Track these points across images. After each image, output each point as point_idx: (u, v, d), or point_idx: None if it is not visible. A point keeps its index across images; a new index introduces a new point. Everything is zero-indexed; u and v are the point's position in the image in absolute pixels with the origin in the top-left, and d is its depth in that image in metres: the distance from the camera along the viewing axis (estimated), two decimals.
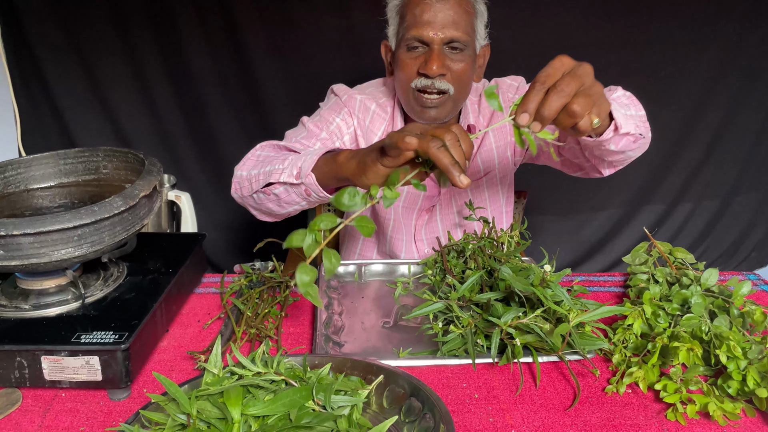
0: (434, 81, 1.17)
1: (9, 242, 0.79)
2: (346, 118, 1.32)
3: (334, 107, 1.33)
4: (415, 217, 1.38)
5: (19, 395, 0.85)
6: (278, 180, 1.02)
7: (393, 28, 1.24)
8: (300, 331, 1.01)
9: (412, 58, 1.19)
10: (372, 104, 1.33)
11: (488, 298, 0.91)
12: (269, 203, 1.10)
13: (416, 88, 1.19)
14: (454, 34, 1.16)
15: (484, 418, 0.80)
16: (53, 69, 2.07)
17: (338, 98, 1.35)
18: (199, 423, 0.68)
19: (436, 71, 1.15)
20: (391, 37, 1.26)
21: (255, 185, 1.09)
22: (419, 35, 1.16)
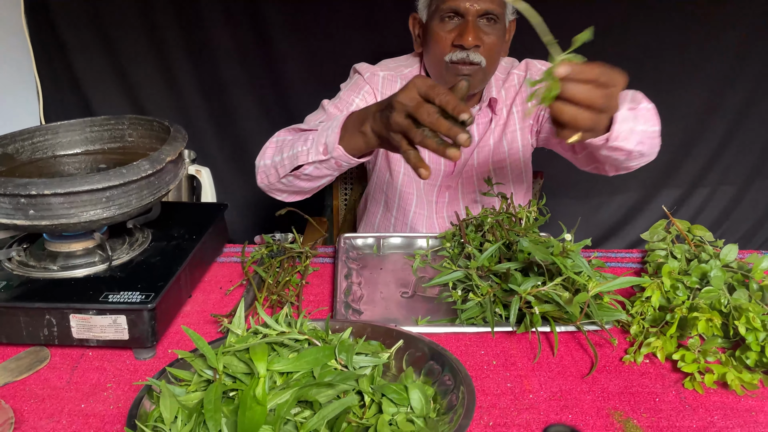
0: (469, 53, 1.18)
1: (39, 202, 0.81)
2: (366, 97, 1.32)
3: (354, 87, 1.33)
4: (437, 193, 1.39)
5: (47, 353, 0.87)
6: (307, 161, 1.03)
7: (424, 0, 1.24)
8: (320, 299, 1.03)
9: (446, 31, 1.19)
10: (397, 78, 1.33)
11: (507, 268, 0.92)
12: (301, 183, 1.11)
13: (450, 60, 1.20)
14: (489, 5, 1.17)
15: (502, 384, 0.81)
16: (75, 44, 2.09)
17: (360, 76, 1.34)
18: (225, 378, 0.69)
19: (471, 42, 1.16)
20: (422, 9, 1.25)
21: (281, 170, 1.10)
22: (455, 6, 1.16)
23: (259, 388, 0.66)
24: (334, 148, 0.97)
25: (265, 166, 1.14)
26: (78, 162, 1.08)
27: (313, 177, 1.08)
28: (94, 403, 0.78)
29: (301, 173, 1.07)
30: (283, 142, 1.13)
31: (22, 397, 0.79)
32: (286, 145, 1.10)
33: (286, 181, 1.12)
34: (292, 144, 1.08)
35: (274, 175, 1.13)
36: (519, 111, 1.36)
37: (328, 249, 1.22)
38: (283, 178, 1.11)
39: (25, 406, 0.77)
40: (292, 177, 1.09)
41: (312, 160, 1.02)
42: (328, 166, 1.02)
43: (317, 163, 1.02)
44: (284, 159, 1.09)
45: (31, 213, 0.82)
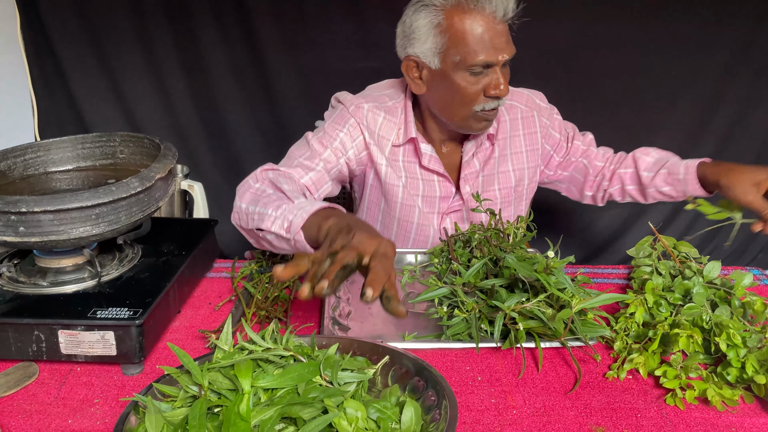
0: (499, 101, 1.19)
1: (29, 219, 0.82)
2: (351, 131, 1.29)
3: (338, 119, 1.30)
4: (437, 221, 1.37)
5: (35, 368, 0.88)
6: (269, 229, 1.00)
7: (432, 46, 1.18)
8: (308, 315, 1.04)
9: (474, 83, 1.17)
10: (380, 111, 1.30)
11: (493, 284, 0.93)
12: (264, 242, 1.07)
13: (482, 110, 1.19)
14: (512, 51, 1.17)
15: (487, 399, 0.82)
16: (70, 60, 2.11)
17: (344, 108, 1.31)
18: (210, 394, 0.70)
19: (506, 91, 1.17)
20: (429, 54, 1.19)
21: (250, 223, 1.06)
22: (488, 61, 1.14)
23: (243, 405, 0.67)
24: (297, 232, 0.95)
25: (239, 209, 1.10)
26: (69, 178, 1.09)
27: (273, 245, 1.05)
28: (81, 419, 0.78)
29: (263, 236, 1.04)
30: (261, 193, 1.09)
31: (10, 413, 0.79)
32: (262, 198, 1.07)
33: (252, 232, 1.08)
34: (267, 203, 1.04)
35: (244, 221, 1.09)
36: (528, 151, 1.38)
37: None
38: (251, 229, 1.07)
39: (12, 422, 0.78)
40: (257, 234, 1.06)
41: (273, 231, 0.99)
42: (287, 243, 0.99)
43: (276, 236, 1.00)
44: (254, 213, 1.05)
45: (21, 230, 0.83)
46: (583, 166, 1.42)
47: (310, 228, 0.93)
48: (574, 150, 1.42)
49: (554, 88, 1.66)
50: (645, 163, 1.35)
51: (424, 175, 1.31)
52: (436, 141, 1.32)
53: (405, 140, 1.29)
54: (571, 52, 2.13)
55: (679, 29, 2.13)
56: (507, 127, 1.36)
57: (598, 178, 1.43)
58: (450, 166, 1.34)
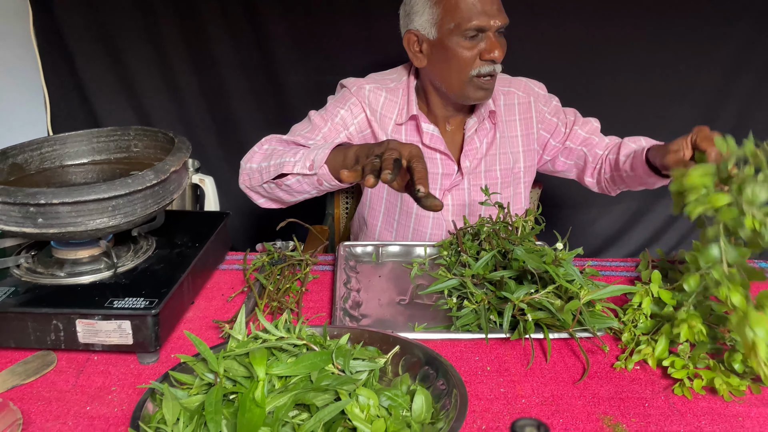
0: (495, 66, 1.25)
1: (48, 210, 0.84)
2: (352, 109, 1.37)
3: (340, 99, 1.39)
4: (441, 197, 1.41)
5: (54, 357, 0.90)
6: (292, 171, 1.11)
7: (429, 17, 1.26)
8: (320, 306, 1.05)
9: (469, 47, 1.24)
10: (382, 92, 1.38)
11: (501, 276, 0.94)
12: (280, 192, 1.21)
13: (477, 74, 1.25)
14: (505, 19, 1.24)
15: (496, 389, 0.84)
16: (82, 56, 2.12)
17: (347, 89, 1.40)
18: (225, 381, 0.72)
19: (500, 56, 1.23)
20: (427, 26, 1.27)
21: (266, 176, 1.18)
22: (480, 25, 1.21)
23: (258, 391, 0.68)
24: (320, 167, 1.07)
25: (250, 170, 1.22)
26: (85, 172, 1.11)
27: (292, 190, 1.17)
28: (99, 406, 0.80)
29: (282, 183, 1.16)
30: (272, 150, 1.21)
31: (29, 400, 0.81)
32: (275, 153, 1.18)
33: (267, 186, 1.21)
34: (282, 153, 1.16)
35: (257, 179, 1.21)
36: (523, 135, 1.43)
37: (328, 257, 1.25)
38: (265, 183, 1.19)
39: (32, 408, 0.80)
40: (274, 185, 1.18)
41: (296, 172, 1.11)
42: (309, 182, 1.12)
43: (300, 177, 1.12)
44: (270, 166, 1.17)
45: (40, 221, 0.85)
46: (583, 154, 1.44)
47: (334, 159, 1.06)
48: (574, 136, 1.44)
49: (563, 84, 1.67)
50: (627, 149, 1.35)
51: (426, 153, 1.34)
52: (440, 118, 1.38)
53: (407, 118, 1.36)
54: (580, 48, 2.13)
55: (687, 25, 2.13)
56: (502, 111, 1.42)
57: (597, 166, 1.44)
58: (453, 143, 1.40)
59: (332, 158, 1.06)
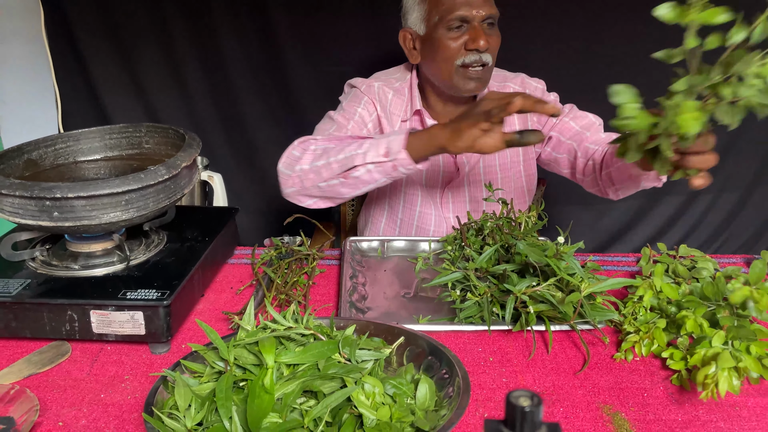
0: (481, 55, 1.26)
1: (63, 204, 0.87)
2: (367, 107, 1.39)
3: (354, 99, 1.40)
4: (440, 194, 1.44)
5: (68, 347, 0.93)
6: (363, 162, 1.09)
7: (418, 14, 1.31)
8: (326, 299, 1.07)
9: (453, 38, 1.26)
10: (389, 90, 1.40)
11: (504, 269, 0.96)
12: (343, 188, 1.16)
13: (462, 64, 1.27)
14: (491, 10, 1.26)
15: (498, 379, 0.86)
16: (93, 54, 2.15)
17: (357, 89, 1.42)
18: (236, 369, 0.74)
19: (484, 45, 1.24)
20: (417, 22, 1.31)
21: (327, 174, 1.15)
22: (462, 15, 1.24)
23: (267, 379, 0.71)
24: (399, 152, 1.06)
25: (302, 171, 1.19)
26: (97, 167, 1.13)
27: (360, 181, 1.13)
28: (112, 394, 0.83)
29: (349, 175, 1.12)
30: (324, 149, 1.18)
31: (45, 388, 0.84)
32: (331, 150, 1.15)
33: (326, 185, 1.17)
34: (341, 149, 1.13)
35: (312, 180, 1.17)
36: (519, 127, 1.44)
37: (335, 251, 1.27)
38: (327, 181, 1.16)
39: (48, 396, 0.82)
40: (339, 180, 1.14)
41: (369, 161, 1.08)
42: (382, 170, 1.09)
43: (373, 165, 1.09)
44: (332, 162, 1.14)
45: (56, 215, 0.88)
46: (573, 148, 1.37)
47: (415, 142, 1.06)
48: (565, 128, 1.39)
49: (566, 82, 1.68)
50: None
51: None
52: (440, 115, 1.40)
53: (411, 113, 1.39)
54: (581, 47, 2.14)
55: None
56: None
57: (589, 163, 1.35)
58: None
59: (412, 141, 1.06)
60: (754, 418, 0.79)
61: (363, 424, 0.69)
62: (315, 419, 0.69)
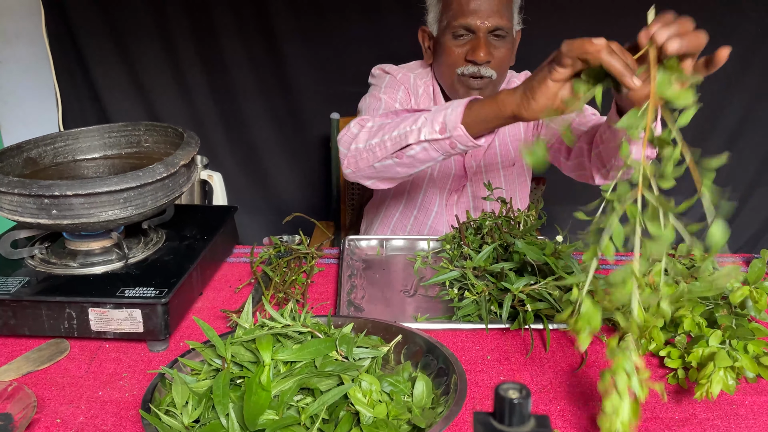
0: (480, 68, 1.23)
1: (62, 202, 0.87)
2: (405, 96, 1.37)
3: (391, 84, 1.36)
4: (447, 196, 1.43)
5: (67, 345, 0.93)
6: (417, 139, 1.00)
7: (434, 14, 1.29)
8: (324, 297, 1.08)
9: (457, 46, 1.24)
10: (421, 84, 1.38)
11: (502, 268, 0.96)
12: (398, 167, 1.08)
13: (462, 74, 1.25)
14: (499, 22, 1.22)
15: (495, 377, 0.86)
16: (93, 54, 2.16)
17: (392, 76, 1.38)
18: (233, 366, 0.74)
19: (483, 58, 1.21)
20: (432, 23, 1.31)
21: (381, 152, 1.07)
22: (466, 24, 1.21)
23: (264, 376, 0.71)
24: (455, 127, 0.95)
25: (357, 150, 1.11)
26: (96, 166, 1.14)
27: (416, 160, 1.05)
28: (110, 391, 0.83)
29: (404, 154, 1.04)
30: (380, 125, 1.09)
31: (43, 385, 0.84)
32: (386, 127, 1.07)
33: (380, 165, 1.09)
34: (396, 125, 1.05)
35: (366, 159, 1.10)
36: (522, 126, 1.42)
37: (333, 250, 1.27)
38: (381, 161, 1.08)
39: (46, 393, 0.82)
40: (393, 159, 1.07)
41: (424, 138, 0.99)
42: (438, 147, 1.00)
43: (428, 143, 1.00)
44: (386, 140, 1.05)
45: (54, 213, 0.88)
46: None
47: (475, 114, 0.93)
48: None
49: None
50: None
51: None
52: None
53: None
54: None
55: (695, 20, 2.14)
56: None
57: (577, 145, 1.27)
58: None
59: (471, 114, 0.94)
60: (752, 416, 0.79)
61: (360, 421, 0.69)
62: (312, 416, 0.69)
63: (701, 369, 0.80)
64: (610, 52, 0.77)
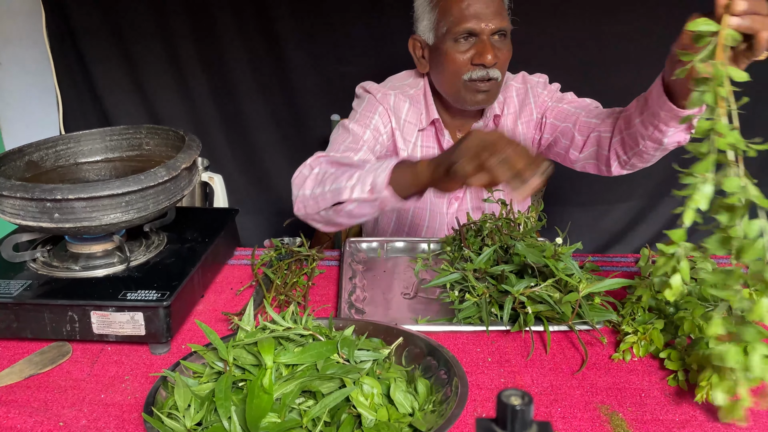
0: (489, 71, 1.23)
1: (64, 206, 0.87)
2: (383, 117, 1.35)
3: (369, 106, 1.36)
4: (446, 204, 1.43)
5: (69, 348, 0.93)
6: (350, 197, 1.02)
7: (428, 22, 1.27)
8: (325, 300, 1.08)
9: (460, 51, 1.23)
10: (405, 99, 1.37)
11: (502, 270, 0.97)
12: (339, 218, 1.11)
13: (469, 79, 1.24)
14: (501, 23, 1.22)
15: (496, 379, 0.86)
16: (93, 56, 2.17)
17: (372, 96, 1.37)
18: (235, 369, 0.75)
19: (491, 61, 1.21)
20: (426, 31, 1.28)
21: (322, 203, 1.09)
22: (469, 28, 1.20)
23: (266, 379, 0.71)
24: (383, 189, 0.97)
25: (304, 197, 1.13)
26: (98, 169, 1.14)
27: (353, 215, 1.07)
28: (113, 394, 0.83)
29: (342, 209, 1.06)
30: (324, 174, 1.11)
31: (46, 388, 0.84)
32: (328, 178, 1.09)
33: (324, 213, 1.11)
34: (335, 178, 1.07)
35: (312, 207, 1.12)
36: (524, 123, 1.41)
37: (334, 252, 1.27)
38: (324, 210, 1.10)
39: (49, 396, 0.83)
40: (332, 211, 1.08)
41: (355, 197, 1.01)
42: (371, 206, 1.02)
43: (360, 202, 1.02)
44: (326, 192, 1.07)
45: (56, 216, 0.88)
46: (569, 129, 1.32)
47: (399, 179, 0.96)
48: (560, 113, 1.35)
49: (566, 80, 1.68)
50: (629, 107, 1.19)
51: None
52: (450, 126, 1.38)
53: (428, 122, 1.36)
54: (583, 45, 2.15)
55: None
56: (503, 108, 1.40)
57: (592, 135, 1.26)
58: None
59: (396, 178, 0.97)
60: (752, 419, 0.79)
61: (361, 424, 0.70)
62: (313, 419, 0.69)
63: (701, 371, 0.81)
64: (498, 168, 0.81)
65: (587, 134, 1.27)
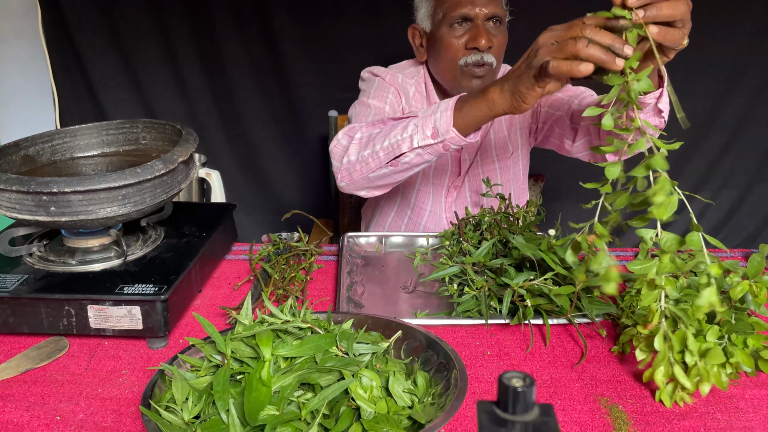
0: (483, 55, 1.24)
1: (60, 199, 0.87)
2: (395, 97, 1.37)
3: (381, 86, 1.37)
4: (446, 193, 1.44)
5: (66, 342, 0.93)
6: (411, 147, 1.02)
7: (425, 10, 1.30)
8: (324, 294, 1.07)
9: (456, 36, 1.25)
10: (411, 83, 1.39)
11: (501, 263, 0.96)
12: (394, 174, 1.10)
13: (465, 64, 1.25)
14: (495, 9, 1.24)
15: (496, 372, 0.86)
16: (90, 52, 2.16)
17: (381, 78, 1.39)
18: (233, 362, 0.74)
19: (485, 44, 1.23)
20: (424, 19, 1.31)
21: (375, 163, 1.08)
22: (464, 13, 1.23)
23: (264, 371, 0.71)
24: (447, 131, 0.97)
25: (349, 163, 1.12)
26: (95, 163, 1.13)
27: (411, 165, 1.06)
28: (110, 388, 0.83)
29: (399, 162, 1.05)
30: (369, 136, 1.10)
31: (43, 382, 0.84)
32: (376, 137, 1.08)
33: (375, 175, 1.11)
34: (386, 134, 1.06)
35: (360, 171, 1.11)
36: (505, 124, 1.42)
37: (333, 247, 1.27)
38: (375, 171, 1.09)
39: (46, 390, 0.82)
40: (387, 168, 1.08)
41: (417, 145, 1.01)
42: (432, 151, 1.02)
43: (421, 149, 1.01)
44: (378, 151, 1.07)
45: (53, 210, 0.88)
46: (562, 117, 1.32)
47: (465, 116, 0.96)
48: (555, 101, 1.36)
49: None
50: None
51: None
52: None
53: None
54: None
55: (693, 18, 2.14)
56: None
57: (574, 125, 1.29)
58: None
59: (459, 116, 0.96)
60: (752, 410, 0.79)
61: (360, 416, 0.69)
62: (312, 411, 0.69)
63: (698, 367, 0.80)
64: (586, 46, 0.80)
65: (579, 123, 1.27)
